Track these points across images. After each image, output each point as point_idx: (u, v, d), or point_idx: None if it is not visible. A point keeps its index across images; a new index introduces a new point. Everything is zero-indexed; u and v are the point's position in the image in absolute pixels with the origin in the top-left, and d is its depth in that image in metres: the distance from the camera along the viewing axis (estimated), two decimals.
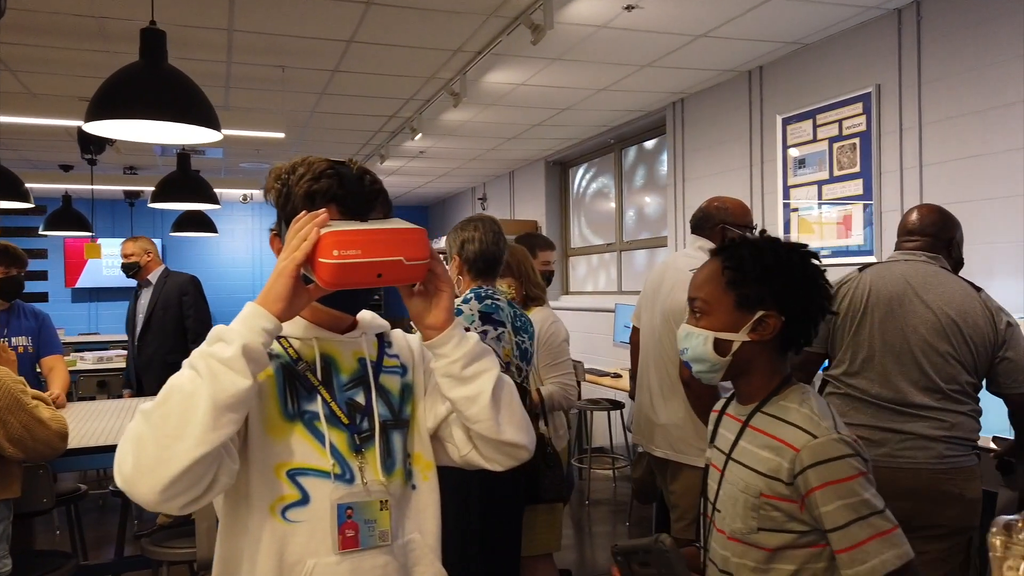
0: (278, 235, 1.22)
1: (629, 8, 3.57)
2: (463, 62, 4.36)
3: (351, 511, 1.15)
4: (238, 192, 8.85)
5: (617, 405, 5.52)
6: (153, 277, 4.66)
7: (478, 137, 6.52)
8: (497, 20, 3.72)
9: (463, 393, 1.19)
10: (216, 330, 1.05)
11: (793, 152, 4.34)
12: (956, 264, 2.46)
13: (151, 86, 2.62)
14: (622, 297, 6.34)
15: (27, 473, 2.45)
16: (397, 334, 1.35)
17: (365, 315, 1.32)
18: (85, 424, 3.19)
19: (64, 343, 6.15)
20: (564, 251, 7.68)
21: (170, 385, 1.01)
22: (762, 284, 1.32)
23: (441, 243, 8.64)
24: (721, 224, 2.72)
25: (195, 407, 0.98)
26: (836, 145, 4.06)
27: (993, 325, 2.24)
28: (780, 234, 4.42)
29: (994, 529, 0.98)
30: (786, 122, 4.39)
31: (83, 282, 9.92)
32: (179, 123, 2.65)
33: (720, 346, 1.33)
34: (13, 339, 3.71)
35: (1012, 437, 2.44)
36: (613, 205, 6.76)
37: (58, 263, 9.86)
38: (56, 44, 3.98)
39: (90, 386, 5.03)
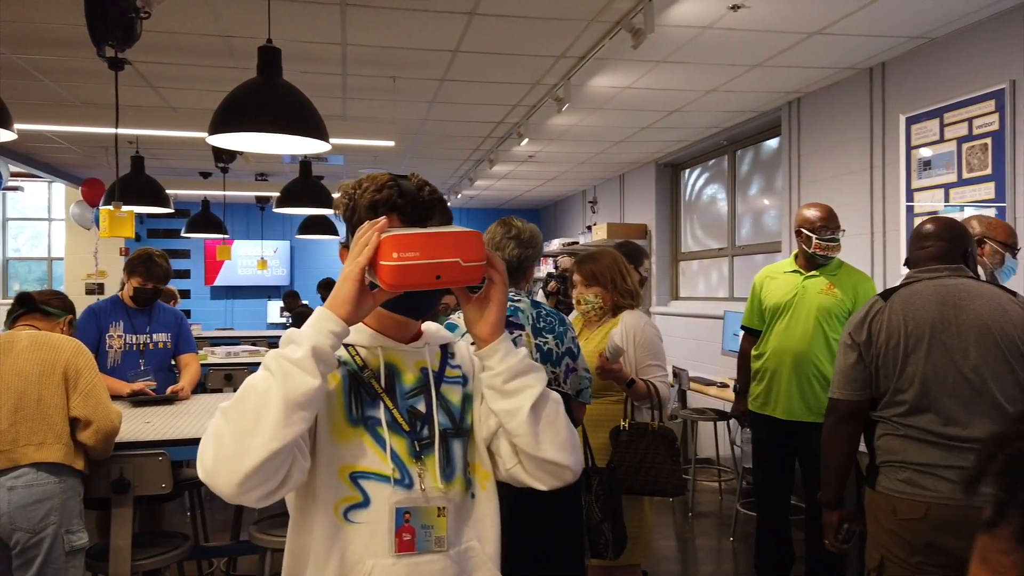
0: (346, 246, 1.27)
1: (735, 8, 3.47)
2: (567, 67, 4.37)
3: (409, 515, 1.20)
4: None
5: (723, 416, 5.35)
6: None
7: (586, 141, 6.51)
8: (599, 25, 3.71)
9: (504, 406, 1.22)
10: (288, 333, 1.12)
11: (918, 153, 4.07)
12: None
13: (266, 101, 2.80)
14: (733, 304, 6.14)
15: (145, 460, 2.67)
16: (461, 345, 1.38)
17: (431, 327, 1.36)
18: (208, 418, 3.43)
19: (200, 337, 6.63)
20: (674, 255, 7.53)
21: (246, 385, 1.09)
22: None
23: (554, 245, 8.75)
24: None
25: (268, 405, 1.05)
26: (965, 146, 3.77)
27: None
28: (903, 239, 4.15)
29: None
30: (910, 121, 4.12)
31: (220, 281, 10.68)
32: (291, 135, 2.82)
33: None
34: (155, 335, 4.03)
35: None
36: (725, 208, 6.56)
37: (199, 263, 10.65)
38: (190, 62, 4.31)
39: (218, 379, 5.39)
